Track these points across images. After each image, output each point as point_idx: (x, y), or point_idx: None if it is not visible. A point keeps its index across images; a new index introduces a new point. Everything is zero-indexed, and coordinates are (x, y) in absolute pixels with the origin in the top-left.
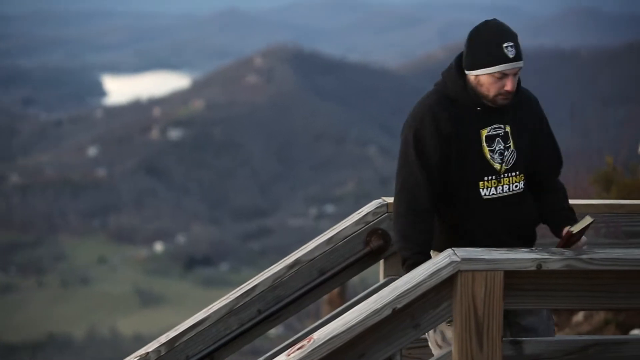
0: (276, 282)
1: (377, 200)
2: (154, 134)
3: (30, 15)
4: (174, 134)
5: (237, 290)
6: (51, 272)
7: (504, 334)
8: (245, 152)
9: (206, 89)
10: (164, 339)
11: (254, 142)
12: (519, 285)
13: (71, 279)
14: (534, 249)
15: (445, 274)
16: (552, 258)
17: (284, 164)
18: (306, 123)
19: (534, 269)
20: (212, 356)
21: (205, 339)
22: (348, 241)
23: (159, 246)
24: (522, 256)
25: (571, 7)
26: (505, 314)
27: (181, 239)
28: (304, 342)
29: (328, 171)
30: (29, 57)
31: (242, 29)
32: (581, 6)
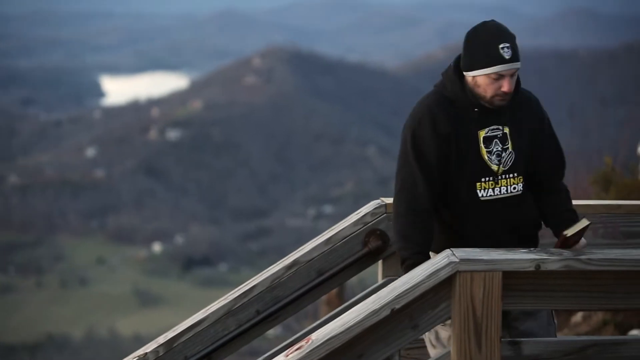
0: (274, 283)
1: (375, 200)
2: (153, 134)
3: (29, 15)
4: (173, 134)
5: (235, 291)
6: (50, 273)
7: (502, 337)
8: (243, 152)
9: (205, 90)
10: (162, 339)
11: (252, 142)
12: (517, 286)
13: (70, 279)
14: (532, 249)
15: (443, 274)
16: (551, 258)
17: (283, 164)
18: (305, 123)
19: (532, 269)
20: (211, 357)
21: (203, 340)
22: (346, 242)
23: (157, 246)
24: (520, 257)
25: (570, 8)
26: (503, 317)
27: (180, 239)
28: (302, 343)
29: (327, 171)
30: (28, 58)
31: (240, 29)
32: (580, 7)
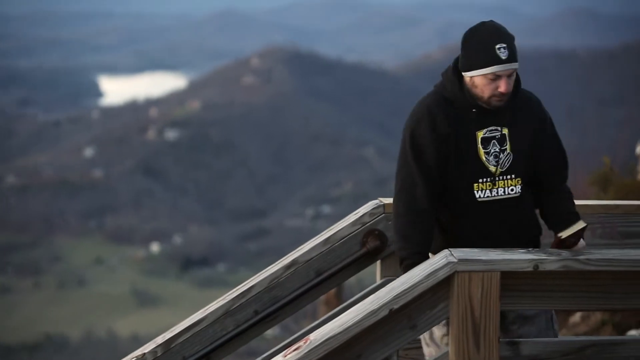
0: (273, 283)
1: (373, 201)
2: (151, 134)
3: (28, 15)
4: (171, 134)
5: (233, 291)
6: (48, 273)
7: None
8: (242, 152)
9: (203, 90)
10: (160, 339)
11: (251, 142)
12: (515, 286)
13: (68, 279)
14: (530, 249)
15: (442, 274)
16: (549, 259)
17: (281, 164)
18: (303, 124)
19: (530, 269)
20: (209, 357)
21: (201, 340)
22: (345, 242)
23: (155, 247)
24: (518, 257)
25: (569, 8)
26: (499, 321)
27: (178, 239)
28: (300, 343)
29: (325, 172)
30: (27, 58)
31: (239, 29)
32: (579, 7)
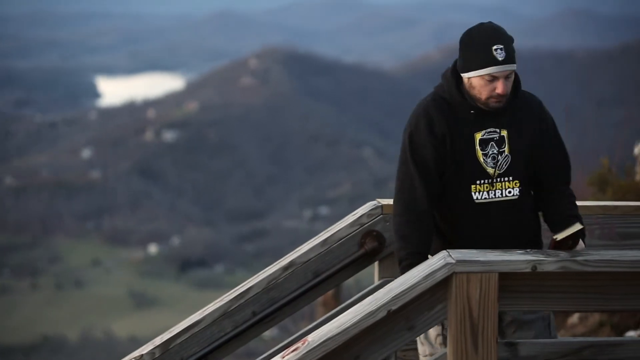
0: (271, 284)
1: (371, 202)
2: (149, 135)
3: (25, 16)
4: (169, 135)
5: (231, 292)
6: (45, 274)
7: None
8: (239, 153)
9: (201, 91)
10: (158, 341)
11: (248, 143)
12: (514, 287)
13: (65, 281)
14: (528, 250)
15: (440, 275)
16: (547, 260)
17: (279, 165)
18: (301, 124)
19: (528, 270)
20: (207, 358)
21: (199, 341)
22: (343, 243)
23: (153, 248)
24: (517, 258)
25: (568, 9)
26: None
27: (176, 241)
28: (298, 344)
29: (323, 173)
30: (24, 59)
31: (237, 30)
32: (578, 8)
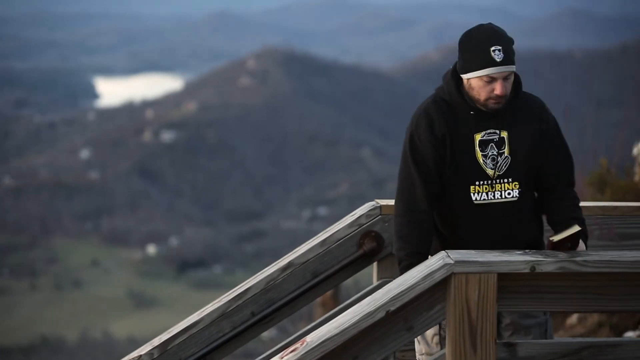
0: (269, 285)
1: (370, 202)
2: (147, 136)
3: (24, 17)
4: (167, 136)
5: (230, 293)
6: (44, 275)
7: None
8: (238, 154)
9: (199, 91)
10: (157, 341)
11: (247, 144)
12: (512, 288)
13: (64, 281)
14: (527, 251)
15: (438, 276)
16: (546, 260)
17: (278, 166)
18: (299, 125)
19: (527, 271)
20: (205, 359)
21: (198, 342)
22: (341, 243)
23: (152, 249)
24: (516, 258)
25: (566, 9)
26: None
27: (174, 241)
28: (297, 345)
29: (321, 173)
30: (23, 59)
31: (235, 31)
32: (576, 8)
